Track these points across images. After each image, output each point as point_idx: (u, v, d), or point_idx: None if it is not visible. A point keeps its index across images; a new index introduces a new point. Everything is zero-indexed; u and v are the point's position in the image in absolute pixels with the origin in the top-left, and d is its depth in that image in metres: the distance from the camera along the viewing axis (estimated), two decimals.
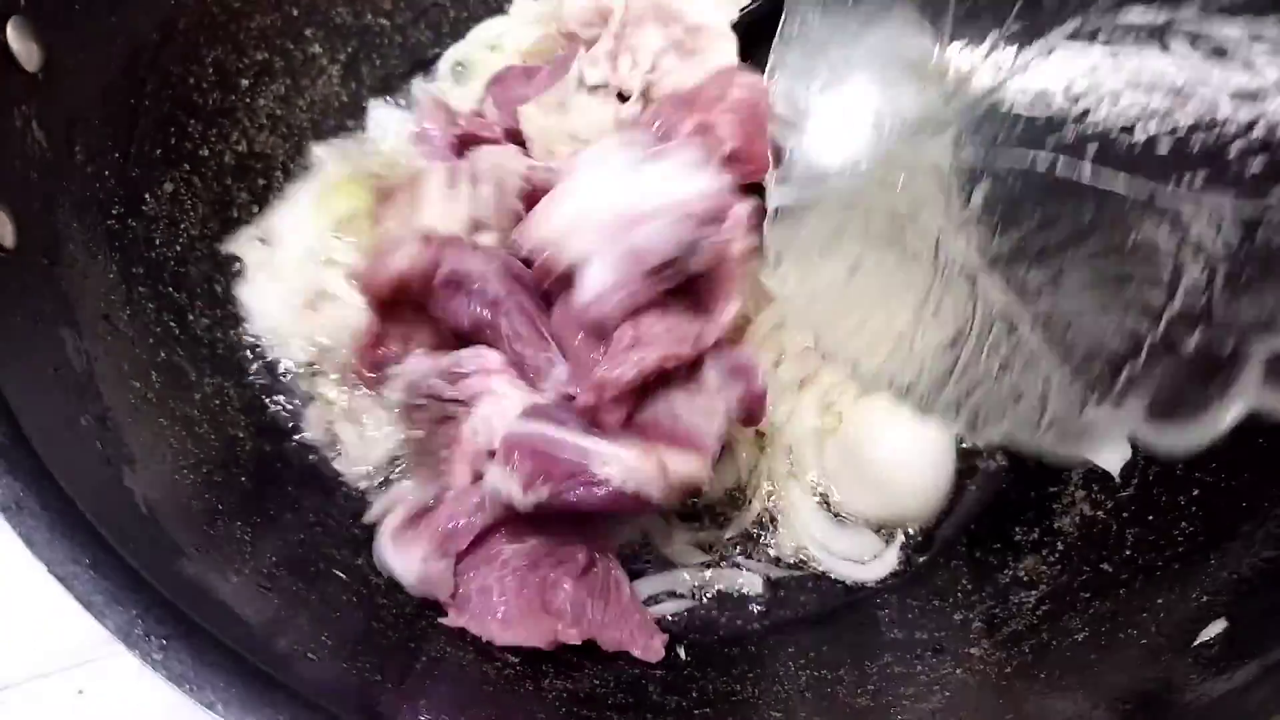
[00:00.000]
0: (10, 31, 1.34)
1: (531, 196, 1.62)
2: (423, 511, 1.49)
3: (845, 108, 1.52)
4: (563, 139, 1.75)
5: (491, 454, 1.46)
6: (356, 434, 1.65)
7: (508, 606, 1.41)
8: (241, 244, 1.74)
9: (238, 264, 1.74)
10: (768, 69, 1.59)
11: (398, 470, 1.65)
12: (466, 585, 1.43)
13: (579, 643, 1.41)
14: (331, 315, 1.71)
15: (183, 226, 1.67)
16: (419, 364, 1.53)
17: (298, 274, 1.73)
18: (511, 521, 1.46)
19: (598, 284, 1.39)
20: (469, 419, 1.48)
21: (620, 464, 1.33)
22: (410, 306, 1.56)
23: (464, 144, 1.76)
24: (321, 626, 1.27)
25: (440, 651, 1.35)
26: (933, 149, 1.35)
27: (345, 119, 2.00)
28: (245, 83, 1.84)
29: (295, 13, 1.92)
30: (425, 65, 2.09)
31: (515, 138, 1.77)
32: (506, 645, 1.39)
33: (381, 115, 2.00)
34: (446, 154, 1.74)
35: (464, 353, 1.53)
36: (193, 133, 1.73)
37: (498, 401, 1.48)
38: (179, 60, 1.71)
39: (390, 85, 2.05)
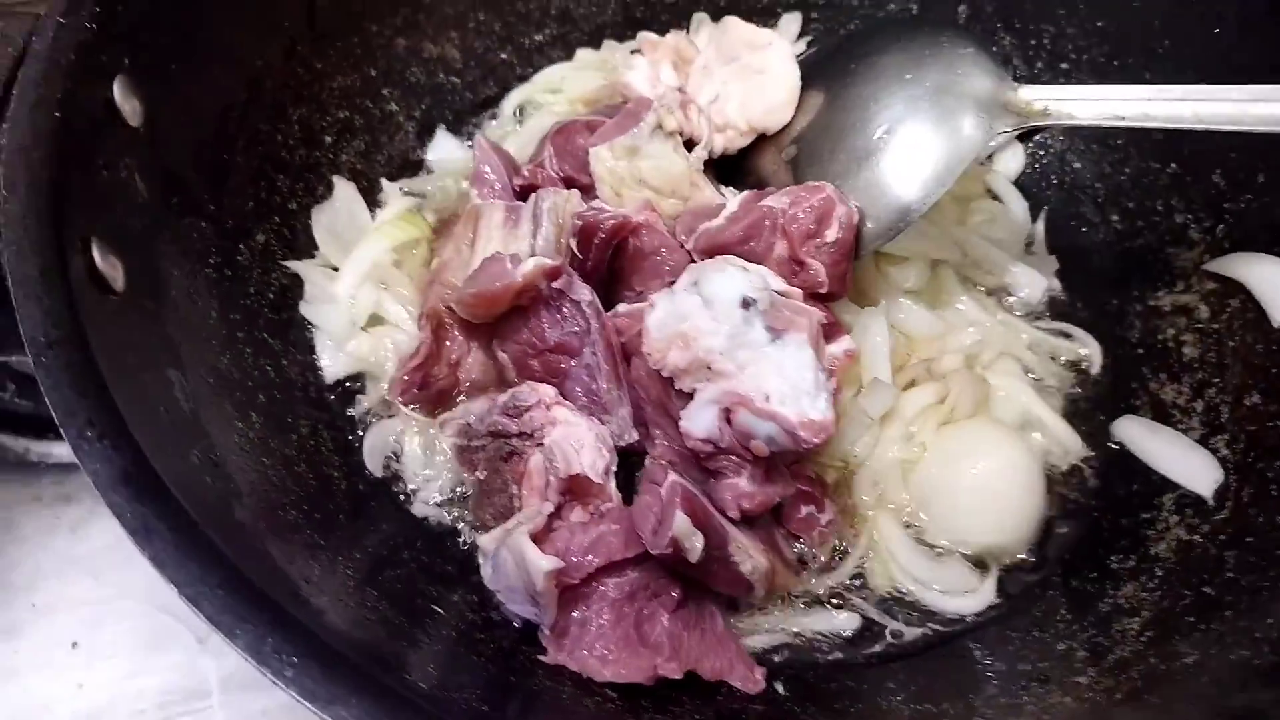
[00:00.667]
0: (116, 89, 1.41)
1: (585, 235, 1.65)
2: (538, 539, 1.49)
3: None
4: (632, 183, 1.79)
5: (566, 482, 1.50)
6: (421, 464, 1.67)
7: (605, 641, 1.40)
8: (305, 267, 1.79)
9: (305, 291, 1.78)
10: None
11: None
12: (565, 618, 1.43)
13: (679, 676, 1.39)
14: (381, 336, 1.76)
15: (274, 276, 1.72)
16: (477, 405, 1.57)
17: (354, 296, 1.77)
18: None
19: (706, 429, 1.46)
20: (536, 452, 1.50)
21: (749, 555, 1.46)
22: (467, 330, 1.61)
23: (525, 193, 1.81)
24: (427, 656, 1.27)
25: (539, 685, 1.34)
26: None
27: (419, 171, 2.06)
28: (329, 139, 1.91)
29: (374, 73, 2.00)
30: (491, 104, 2.17)
31: (571, 185, 1.81)
32: (606, 682, 1.38)
33: (445, 147, 2.07)
34: (504, 194, 1.78)
35: (521, 388, 1.57)
36: (281, 187, 1.80)
37: (568, 429, 1.50)
38: (266, 118, 1.78)
39: (458, 120, 2.11)
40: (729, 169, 1.96)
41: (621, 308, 1.69)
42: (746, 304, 1.45)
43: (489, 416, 1.54)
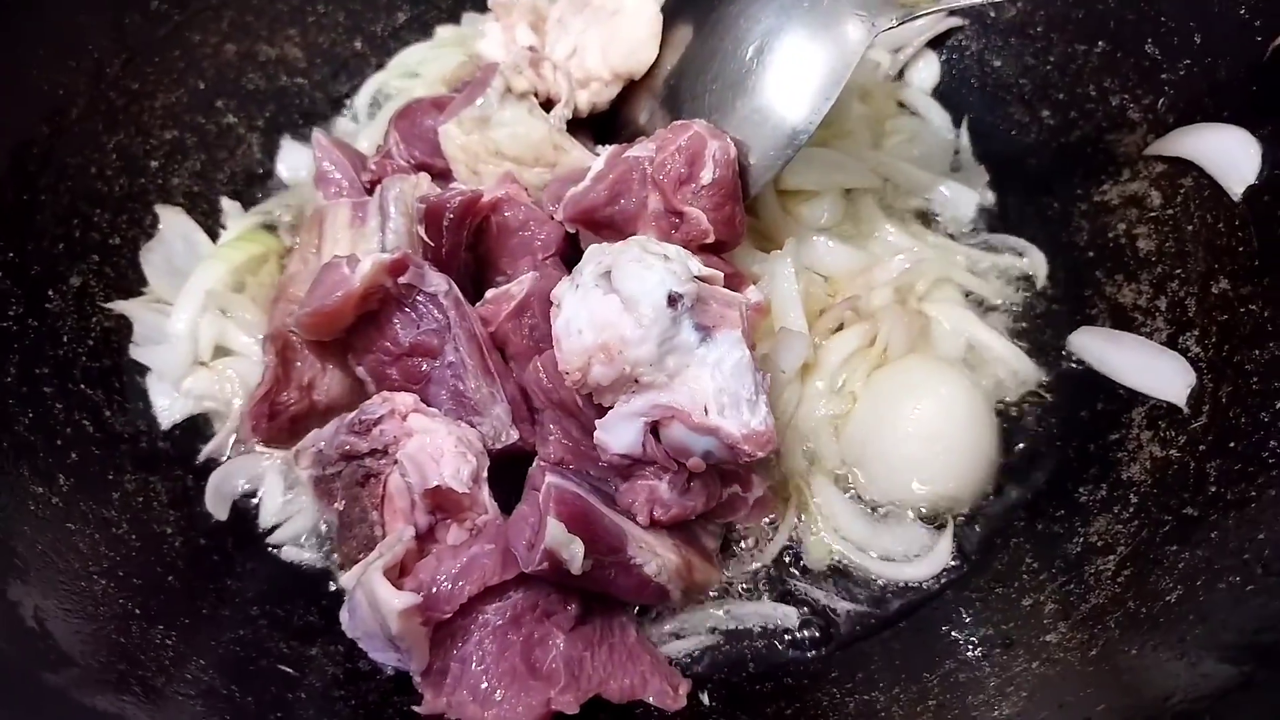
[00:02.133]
0: None
1: (432, 219, 1.46)
2: (401, 568, 1.29)
3: None
4: (488, 157, 1.60)
5: (430, 498, 1.30)
6: (280, 503, 1.49)
7: (490, 678, 1.21)
8: (133, 306, 1.61)
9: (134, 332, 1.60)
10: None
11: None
12: (443, 658, 1.23)
13: (575, 710, 1.19)
14: (227, 369, 1.58)
15: (94, 320, 1.54)
16: (322, 431, 1.37)
17: (191, 332, 1.59)
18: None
19: (628, 445, 1.27)
20: (393, 471, 1.30)
21: (655, 555, 1.29)
22: (318, 347, 1.41)
23: (374, 187, 1.62)
24: None
25: None
26: None
27: (270, 187, 1.87)
28: (155, 164, 1.73)
29: (203, 86, 1.82)
30: (341, 103, 1.98)
31: (424, 171, 1.61)
32: None
33: (294, 156, 1.88)
34: (350, 190, 1.59)
35: (370, 400, 1.38)
36: (99, 222, 1.62)
37: (423, 438, 1.31)
38: (75, 150, 1.61)
39: (309, 124, 1.93)
40: (607, 125, 1.76)
41: (489, 294, 1.49)
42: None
43: (337, 438, 1.35)
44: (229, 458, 1.51)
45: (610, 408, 1.29)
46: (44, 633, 1.02)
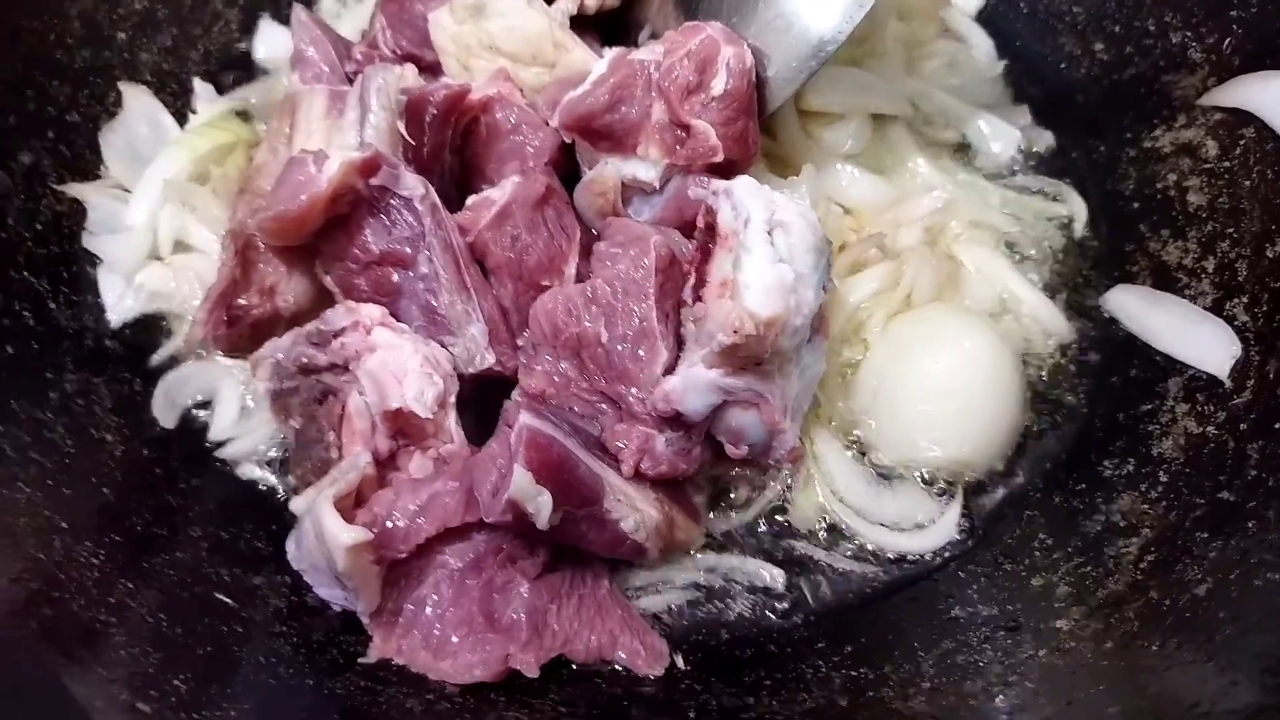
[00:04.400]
0: None
1: (414, 114, 1.32)
2: (356, 498, 1.18)
3: None
4: (481, 51, 1.44)
5: (390, 421, 1.19)
6: (235, 416, 1.37)
7: (444, 625, 1.11)
8: (89, 190, 1.47)
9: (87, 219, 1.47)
10: None
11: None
12: (396, 598, 1.13)
13: (535, 674, 1.09)
14: (186, 266, 1.45)
15: (44, 203, 1.41)
16: (281, 340, 1.25)
17: (150, 223, 1.46)
18: None
19: (696, 412, 1.16)
20: (353, 389, 1.19)
21: (635, 509, 1.17)
22: (282, 251, 1.29)
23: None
24: (199, 663, 0.99)
25: (349, 687, 1.05)
26: None
27: (249, 71, 1.72)
28: (122, 36, 1.58)
29: None
30: None
31: (412, 63, 1.47)
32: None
33: (274, 38, 1.72)
34: (330, 77, 1.45)
35: (333, 310, 1.25)
36: (57, 96, 1.47)
37: (386, 354, 1.19)
38: (33, 14, 1.46)
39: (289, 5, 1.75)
40: (617, 27, 1.60)
41: (470, 200, 1.36)
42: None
43: (295, 349, 1.23)
44: (183, 363, 1.39)
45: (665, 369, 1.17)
46: None
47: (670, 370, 1.17)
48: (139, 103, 1.54)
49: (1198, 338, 1.33)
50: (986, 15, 1.78)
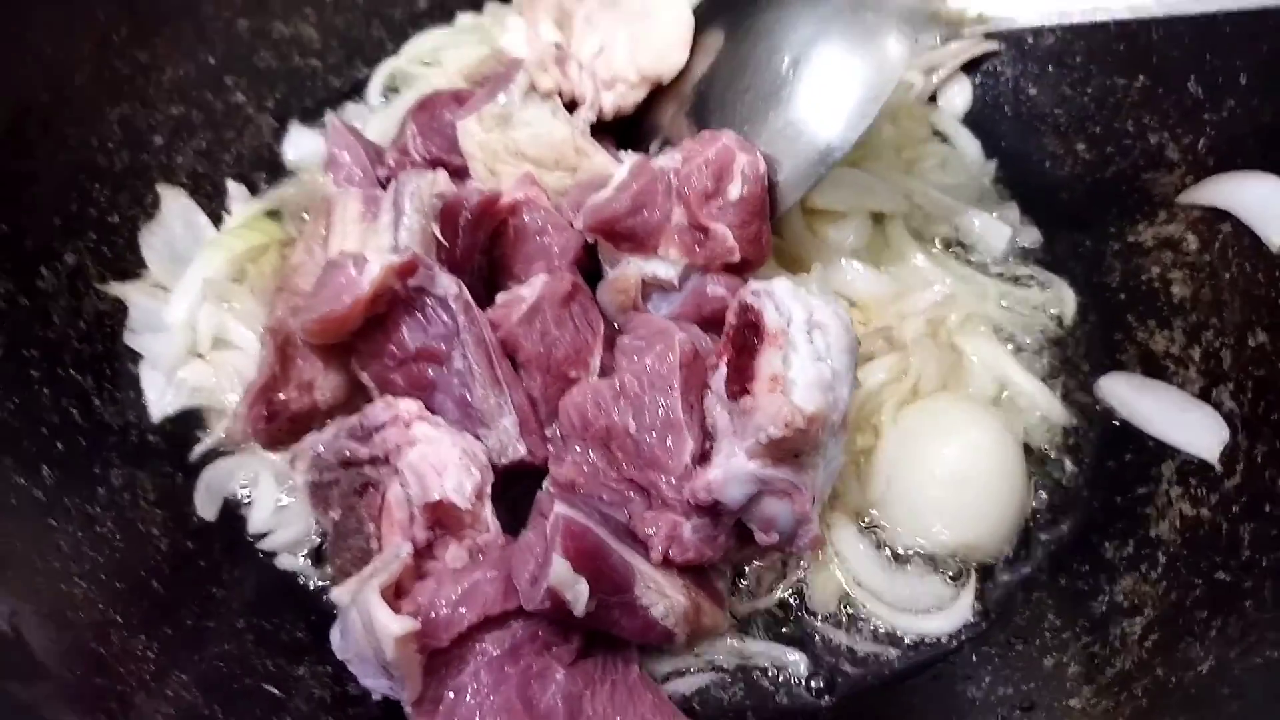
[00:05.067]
0: None
1: (448, 218, 1.40)
2: (401, 590, 1.22)
3: None
4: (507, 157, 1.53)
5: (430, 513, 1.23)
6: (273, 507, 1.42)
7: (484, 713, 1.14)
8: (130, 289, 1.53)
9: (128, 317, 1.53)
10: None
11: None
12: (436, 687, 1.16)
13: None
14: (225, 363, 1.50)
15: (88, 302, 1.46)
16: (321, 434, 1.30)
17: (189, 321, 1.52)
18: None
19: (734, 501, 1.21)
20: (393, 481, 1.24)
21: (664, 596, 1.22)
22: (319, 348, 1.35)
23: (389, 182, 1.55)
24: None
25: None
26: None
27: (278, 172, 1.80)
28: (159, 140, 1.65)
29: (213, 61, 1.74)
30: (359, 89, 1.90)
31: (441, 168, 1.54)
32: None
33: (304, 141, 1.81)
34: (362, 181, 1.52)
35: (373, 405, 1.31)
36: (99, 198, 1.54)
37: (426, 448, 1.24)
38: (77, 120, 1.53)
39: (320, 109, 1.86)
40: (631, 130, 1.69)
41: (499, 297, 1.43)
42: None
43: (336, 442, 1.28)
44: (222, 456, 1.43)
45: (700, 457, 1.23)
46: (19, 640, 0.96)
47: (702, 459, 1.23)
48: (176, 204, 1.62)
49: (1187, 424, 1.41)
50: (973, 117, 1.89)
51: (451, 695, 1.16)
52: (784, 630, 1.35)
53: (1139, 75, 1.66)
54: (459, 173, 1.57)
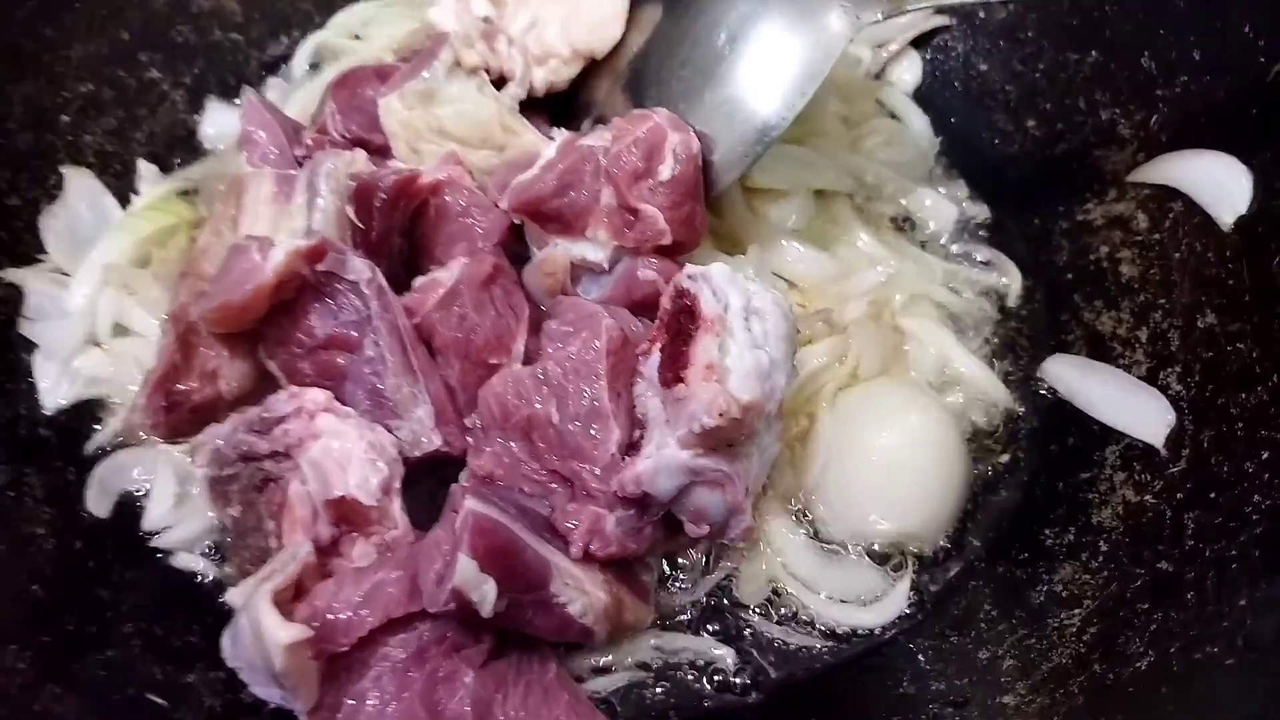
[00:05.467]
0: None
1: (362, 199, 1.33)
2: (297, 589, 1.16)
3: None
4: (431, 135, 1.46)
5: (333, 509, 1.17)
6: (171, 503, 1.34)
7: None
8: (27, 275, 1.45)
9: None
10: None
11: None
12: (336, 693, 1.10)
13: None
14: (125, 352, 1.43)
15: None
16: (221, 427, 1.23)
17: (89, 308, 1.44)
18: None
19: (665, 493, 1.17)
20: (294, 476, 1.17)
21: (583, 592, 1.16)
22: (224, 337, 1.27)
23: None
24: None
25: None
26: None
27: (194, 151, 1.71)
28: (66, 119, 1.57)
29: (127, 36, 1.66)
30: (283, 63, 1.82)
31: (362, 147, 1.47)
32: None
33: (221, 118, 1.72)
34: (278, 160, 1.45)
35: (276, 395, 1.24)
36: None
37: (330, 441, 1.18)
38: None
39: (241, 85, 1.75)
40: (565, 107, 1.62)
41: (416, 282, 1.36)
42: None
43: (235, 436, 1.21)
44: (120, 450, 1.36)
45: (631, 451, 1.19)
46: None
47: (630, 449, 1.18)
48: (81, 185, 1.53)
49: (1133, 407, 1.36)
50: (922, 92, 1.83)
51: (351, 703, 1.10)
52: (711, 624, 1.29)
53: (1091, 51, 1.61)
54: (381, 151, 1.50)
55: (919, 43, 1.86)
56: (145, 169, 1.60)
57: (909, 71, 1.86)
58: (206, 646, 1.17)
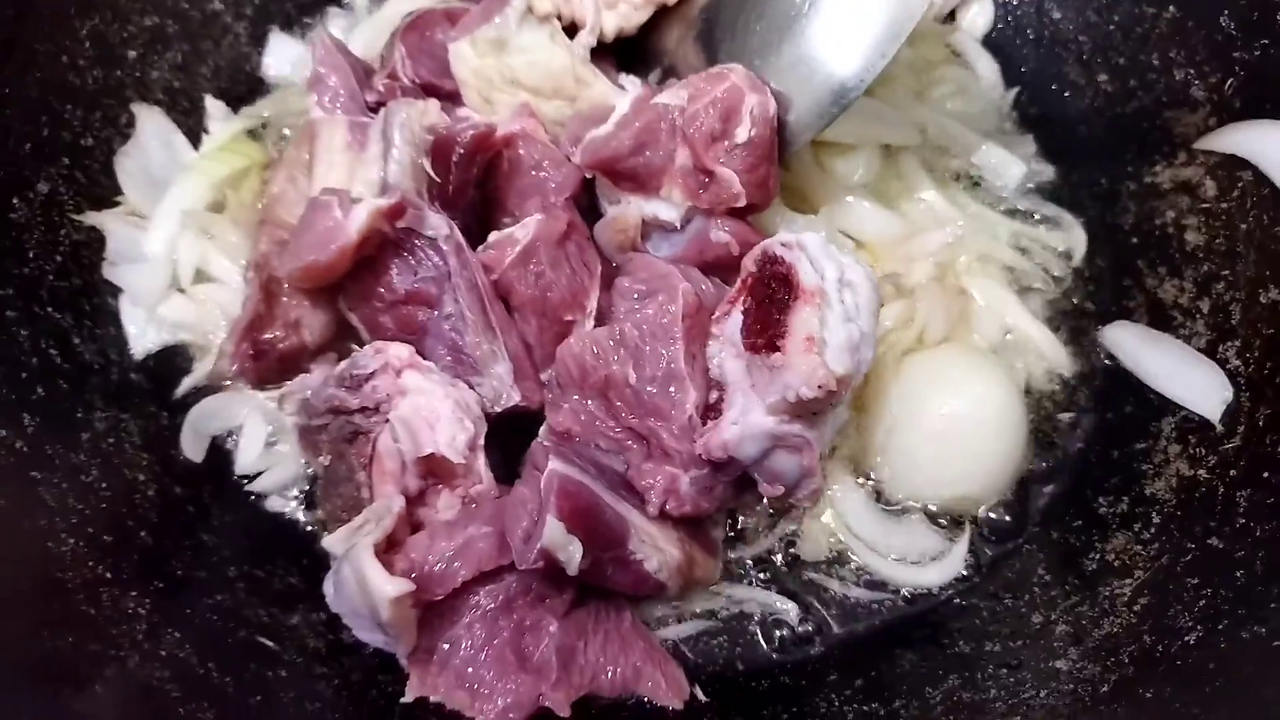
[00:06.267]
0: None
1: (440, 153, 1.34)
2: (393, 541, 1.22)
3: None
4: (503, 85, 1.45)
5: (421, 464, 1.23)
6: (261, 448, 1.39)
7: (477, 666, 1.15)
8: (107, 218, 1.46)
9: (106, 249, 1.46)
10: None
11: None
12: (430, 638, 1.17)
13: (567, 712, 1.14)
14: (207, 297, 1.46)
15: (63, 233, 1.40)
16: (311, 378, 1.28)
17: (169, 253, 1.47)
18: None
19: (749, 457, 1.20)
20: (383, 430, 1.22)
21: (658, 549, 1.22)
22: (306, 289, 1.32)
23: (379, 110, 1.47)
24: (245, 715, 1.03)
25: None
26: None
27: (258, 86, 1.70)
28: (133, 54, 1.56)
29: None
30: None
31: (432, 93, 1.47)
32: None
33: (284, 52, 1.71)
34: (349, 105, 1.45)
35: (362, 351, 1.28)
36: (71, 120, 1.46)
37: (418, 398, 1.22)
38: (46, 36, 1.43)
39: (302, 15, 1.75)
40: (632, 52, 1.60)
41: (492, 237, 1.38)
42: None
43: (325, 390, 1.26)
44: (208, 394, 1.40)
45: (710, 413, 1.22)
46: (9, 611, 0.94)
47: (708, 410, 1.22)
48: (152, 124, 1.53)
49: (1191, 380, 1.38)
50: (993, 38, 1.79)
51: (446, 647, 1.17)
52: (774, 578, 1.35)
53: (1169, 5, 1.57)
54: (451, 97, 1.49)
55: None
56: (213, 106, 1.60)
57: (981, 15, 1.81)
58: (306, 589, 1.24)
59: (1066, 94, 1.73)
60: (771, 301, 1.17)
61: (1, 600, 0.98)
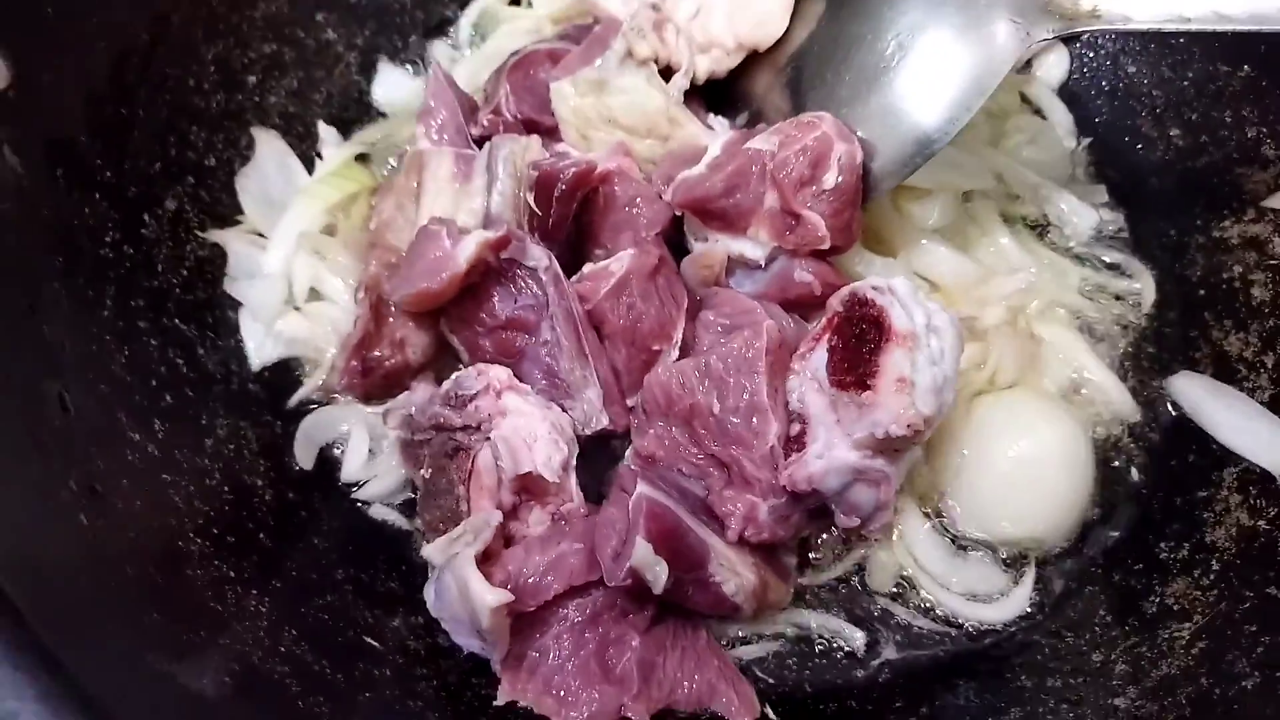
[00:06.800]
0: None
1: (543, 188, 1.42)
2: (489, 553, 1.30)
3: None
4: (600, 124, 1.54)
5: (518, 482, 1.31)
6: (365, 459, 1.48)
7: (564, 674, 1.23)
8: (229, 236, 1.57)
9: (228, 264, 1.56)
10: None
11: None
12: (521, 646, 1.25)
13: None
14: (320, 315, 1.55)
15: (188, 249, 1.50)
16: (416, 395, 1.37)
17: (285, 271, 1.56)
18: None
19: (833, 489, 1.28)
20: (483, 448, 1.30)
21: (735, 573, 1.28)
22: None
23: (482, 143, 1.56)
24: (352, 710, 1.11)
25: None
26: None
27: (366, 112, 1.80)
28: (253, 79, 1.66)
29: None
30: (444, 26, 1.88)
31: (532, 129, 1.56)
32: None
33: (392, 81, 1.81)
34: (455, 138, 1.54)
35: (465, 373, 1.37)
36: (196, 141, 1.56)
37: (518, 419, 1.31)
38: (175, 61, 1.54)
39: (407, 47, 1.85)
40: (720, 94, 1.68)
41: (586, 269, 1.46)
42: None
43: (430, 407, 1.34)
44: (318, 405, 1.50)
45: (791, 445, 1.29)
46: (147, 603, 1.03)
47: (790, 443, 1.29)
48: (270, 147, 1.63)
49: (1254, 433, 1.42)
50: (1068, 89, 1.84)
51: (535, 655, 1.25)
52: (843, 605, 1.42)
53: (1244, 65, 1.61)
54: (549, 133, 1.58)
55: (1068, 38, 1.86)
56: (326, 132, 1.70)
57: (1056, 66, 1.86)
58: (405, 593, 1.33)
59: (1139, 146, 1.77)
60: (860, 341, 1.24)
61: (137, 598, 1.05)
